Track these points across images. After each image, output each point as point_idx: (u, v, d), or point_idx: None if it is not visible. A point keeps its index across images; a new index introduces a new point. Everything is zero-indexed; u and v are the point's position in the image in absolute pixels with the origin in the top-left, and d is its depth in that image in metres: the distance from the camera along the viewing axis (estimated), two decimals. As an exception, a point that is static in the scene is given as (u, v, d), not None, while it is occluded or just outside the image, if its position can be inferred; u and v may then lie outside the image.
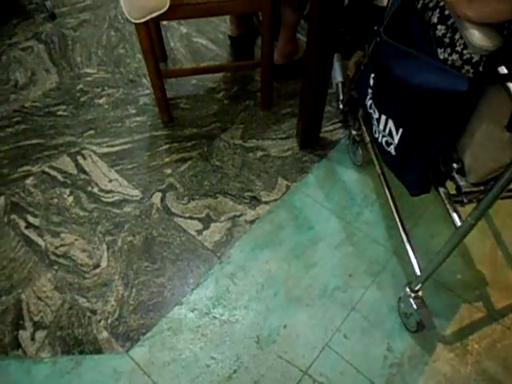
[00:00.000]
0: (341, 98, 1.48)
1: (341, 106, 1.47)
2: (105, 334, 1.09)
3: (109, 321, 1.11)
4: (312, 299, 1.14)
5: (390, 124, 0.91)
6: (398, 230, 1.10)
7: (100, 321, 1.11)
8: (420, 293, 1.02)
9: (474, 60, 0.71)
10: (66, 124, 1.54)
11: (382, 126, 0.94)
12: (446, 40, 0.76)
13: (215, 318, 1.11)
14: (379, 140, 0.98)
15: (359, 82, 1.10)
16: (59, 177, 1.40)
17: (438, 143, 0.81)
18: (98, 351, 1.06)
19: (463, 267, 1.20)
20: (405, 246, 1.07)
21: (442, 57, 0.78)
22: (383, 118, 0.93)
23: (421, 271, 1.01)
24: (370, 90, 0.99)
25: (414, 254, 1.04)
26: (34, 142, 1.49)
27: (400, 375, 1.02)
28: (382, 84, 0.93)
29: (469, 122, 0.77)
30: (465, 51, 0.73)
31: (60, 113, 1.58)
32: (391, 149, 0.94)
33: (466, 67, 0.73)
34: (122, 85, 1.67)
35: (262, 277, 1.18)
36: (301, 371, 1.03)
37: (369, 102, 1.00)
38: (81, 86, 1.67)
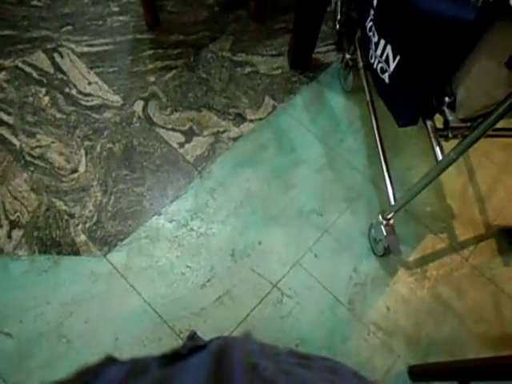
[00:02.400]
0: (338, 17, 1.40)
1: (337, 27, 1.40)
2: (83, 237, 1.10)
3: (87, 225, 1.12)
4: (288, 219, 1.17)
5: (388, 50, 0.87)
6: (379, 159, 1.12)
7: (78, 224, 1.12)
8: (391, 221, 1.07)
9: (486, -13, 0.67)
10: (40, 16, 1.42)
11: (379, 51, 0.90)
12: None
13: (192, 230, 1.14)
14: (374, 66, 0.95)
15: (361, 2, 1.04)
16: (34, 74, 1.32)
17: (434, 74, 0.80)
18: (76, 253, 1.09)
19: (434, 200, 1.25)
20: (383, 175, 1.09)
21: (453, -20, 0.74)
22: (382, 42, 0.89)
23: (395, 201, 1.04)
24: (372, 12, 0.93)
25: (391, 183, 1.07)
26: (5, 33, 1.38)
27: (362, 294, 1.10)
28: (386, 5, 0.88)
29: (468, 55, 0.75)
30: (478, -24, 0.69)
31: (34, 3, 1.44)
32: (385, 76, 0.91)
33: (477, -5, 0.70)
34: (104, -23, 1.52)
35: (241, 194, 1.19)
36: (271, 284, 1.09)
37: (369, 24, 0.95)
38: (57, -27, 1.51)
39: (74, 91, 1.30)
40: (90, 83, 1.32)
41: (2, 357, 0.96)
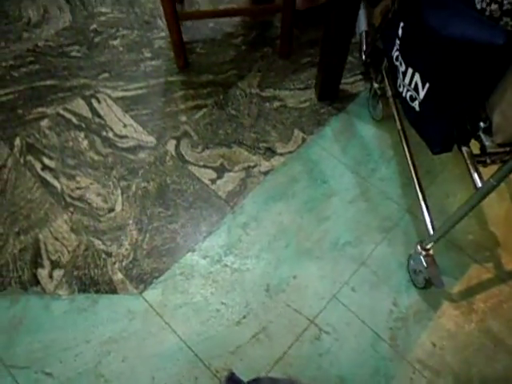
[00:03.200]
0: (364, 48, 1.42)
1: (363, 57, 1.41)
2: (119, 275, 1.12)
3: (123, 263, 1.14)
4: (322, 252, 1.15)
5: (417, 78, 0.87)
6: (414, 187, 1.09)
7: (115, 263, 1.14)
8: (431, 251, 1.03)
9: (515, 10, 0.66)
10: (79, 65, 1.51)
11: (407, 80, 0.90)
12: (487, -13, 0.71)
13: (226, 265, 1.13)
14: (403, 94, 0.94)
15: (386, 32, 1.05)
16: (74, 120, 1.39)
17: (467, 100, 0.78)
18: (113, 291, 1.10)
19: (476, 228, 1.19)
20: (419, 203, 1.06)
21: (479, 6, 0.73)
22: (410, 71, 0.89)
23: (434, 230, 1.01)
24: (397, 41, 0.94)
25: (428, 212, 1.04)
26: (48, 83, 1.47)
27: (404, 329, 1.05)
28: (411, 34, 0.88)
29: (501, 79, 0.73)
30: (505, 1, 0.68)
31: (73, 54, 1.54)
32: (415, 104, 0.90)
33: (505, 19, 0.69)
34: (137, 26, 1.61)
35: (274, 228, 1.19)
36: (308, 320, 1.06)
37: (395, 54, 0.96)
38: (94, 25, 1.61)
39: (110, 134, 1.36)
40: (125, 126, 1.38)
41: (43, 398, 0.97)
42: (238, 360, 1.01)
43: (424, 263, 1.02)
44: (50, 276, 1.13)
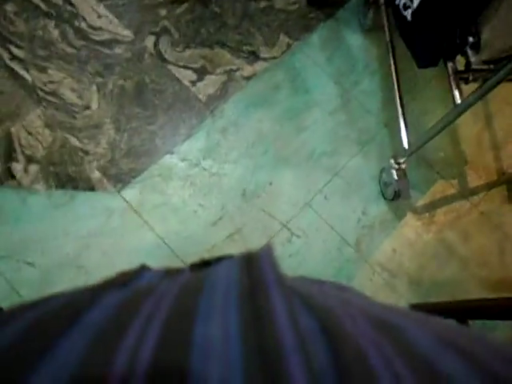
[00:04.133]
0: None
1: (359, -43, 1.31)
2: (97, 173, 1.13)
3: (101, 162, 1.14)
4: (299, 161, 1.18)
5: (413, -17, 0.83)
6: (394, 102, 1.09)
7: (92, 161, 1.14)
8: (403, 165, 1.07)
9: None
10: None
11: (403, -15, 0.86)
12: None
13: (204, 169, 1.15)
14: (396, 2, 0.91)
15: None
16: (42, 5, 1.27)
17: (461, 12, 0.76)
18: (91, 189, 1.11)
19: (448, 145, 1.23)
20: (398, 118, 1.08)
21: None
22: (407, -26, 0.84)
23: (408, 145, 1.04)
24: None
25: (406, 127, 1.06)
26: (10, -41, 1.32)
27: (369, 236, 1.13)
28: None
29: (498, -9, 0.71)
30: None
31: None
32: (408, 13, 0.87)
33: None
34: None
35: (253, 134, 1.19)
36: (281, 224, 1.12)
37: (394, -46, 0.90)
38: None
39: (83, 25, 1.26)
40: (99, 16, 1.28)
41: (26, 284, 1.02)
42: (213, 257, 1.07)
43: (395, 176, 1.06)
44: (26, 171, 1.12)
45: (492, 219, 1.17)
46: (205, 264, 0.31)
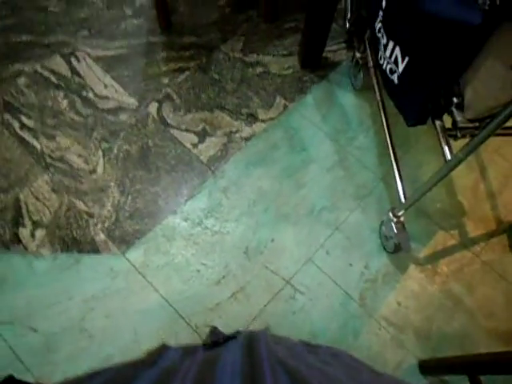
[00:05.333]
0: (348, 16, 1.41)
1: (347, 25, 1.41)
2: (102, 236, 1.15)
3: (105, 224, 1.16)
4: (299, 217, 1.20)
5: (397, 51, 0.89)
6: (389, 157, 1.13)
7: (97, 224, 1.16)
8: (402, 218, 1.09)
9: (492, -9, 0.69)
10: (57, 21, 1.46)
11: (388, 53, 0.92)
12: (468, -35, 0.73)
13: (207, 228, 1.17)
14: (383, 67, 0.97)
15: (371, 2, 1.05)
16: (52, 78, 1.36)
17: (443, 75, 0.81)
18: (96, 251, 1.13)
19: (445, 197, 1.26)
20: (393, 172, 1.11)
21: (460, -17, 0.75)
22: (391, 43, 0.91)
23: (405, 198, 1.06)
24: (381, 13, 0.95)
25: (401, 181, 1.09)
26: (24, 38, 1.42)
27: (373, 289, 1.12)
28: (394, 7, 0.90)
29: (476, 57, 0.76)
30: (485, -20, 0.70)
31: (51, 8, 1.48)
32: (394, 77, 0.93)
33: (483, -2, 0.71)
34: (117, -19, 1.55)
35: (253, 193, 1.22)
36: (284, 280, 1.12)
37: (378, 26, 0.97)
38: (72, -22, 1.55)
39: (90, 94, 1.34)
40: (106, 86, 1.36)
41: (29, 351, 1.01)
42: (217, 317, 1.07)
43: (395, 229, 1.08)
44: (32, 235, 1.14)
45: (495, 268, 1.17)
46: (215, 343, 0.35)
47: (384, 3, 0.93)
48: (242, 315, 1.08)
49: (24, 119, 1.29)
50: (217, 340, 0.36)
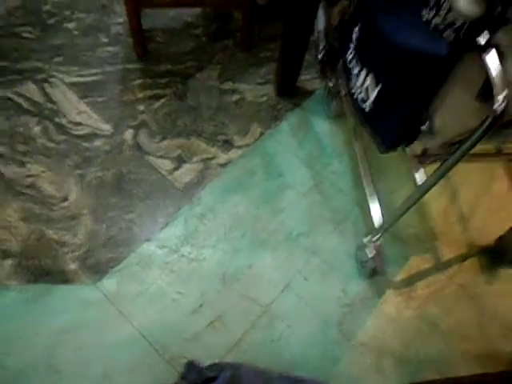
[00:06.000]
0: (321, 47, 1.46)
1: (319, 56, 1.45)
2: (73, 266, 1.11)
3: (77, 253, 1.13)
4: (277, 242, 1.20)
5: (369, 80, 0.92)
6: (363, 182, 1.16)
7: (68, 253, 1.13)
8: (377, 242, 1.10)
9: (456, 25, 0.72)
10: (31, 47, 1.45)
11: (359, 82, 0.95)
12: (432, 1, 0.77)
13: (183, 255, 1.15)
14: (355, 96, 1.00)
15: (343, 33, 1.09)
16: (24, 105, 1.34)
17: (412, 103, 0.84)
18: (67, 282, 1.09)
19: (417, 221, 1.29)
20: (368, 198, 1.13)
21: (425, 18, 0.79)
22: (363, 72, 0.94)
23: (380, 223, 1.08)
24: (351, 45, 0.99)
25: (376, 206, 1.11)
26: (-4, 64, 1.40)
27: (351, 315, 1.12)
28: (366, 37, 0.93)
29: (443, 86, 0.80)
30: (448, 15, 0.74)
31: (25, 35, 1.47)
32: (365, 106, 0.96)
33: (448, 31, 0.75)
34: (94, 10, 1.56)
35: (230, 219, 1.22)
36: (261, 307, 1.10)
37: (349, 57, 1.01)
38: (48, 6, 1.55)
39: (64, 121, 1.32)
40: (80, 113, 1.34)
41: (-8, 389, 0.95)
42: (194, 347, 1.04)
43: (370, 254, 1.09)
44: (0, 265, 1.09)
45: (469, 291, 1.19)
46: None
47: (357, 33, 0.97)
48: (220, 345, 1.05)
49: (-6, 146, 1.26)
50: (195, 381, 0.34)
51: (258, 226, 1.22)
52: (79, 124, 1.32)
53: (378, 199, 1.13)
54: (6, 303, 1.05)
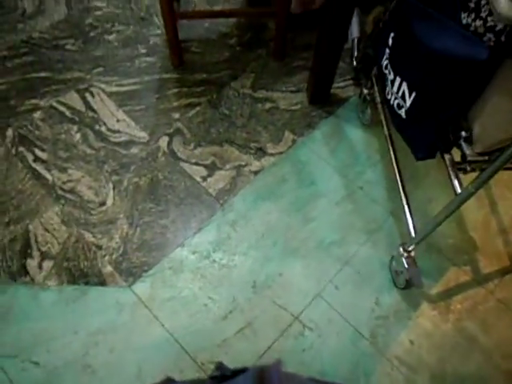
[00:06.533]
0: (355, 54, 1.45)
1: (354, 63, 1.44)
2: (109, 268, 1.14)
3: (113, 256, 1.16)
4: (308, 251, 1.19)
5: (404, 87, 0.91)
6: (398, 191, 1.13)
7: (105, 256, 1.16)
8: (412, 253, 1.07)
9: (497, 28, 0.70)
10: (74, 59, 1.52)
11: (395, 88, 0.94)
12: (472, 4, 0.75)
13: (215, 261, 1.16)
14: (391, 102, 0.98)
15: (377, 40, 1.08)
16: (67, 113, 1.40)
17: (450, 110, 0.82)
18: (102, 284, 1.12)
19: (456, 232, 1.24)
20: (403, 207, 1.10)
21: (465, 22, 0.77)
22: (398, 79, 0.92)
23: (415, 233, 1.05)
24: (387, 50, 0.97)
25: (411, 215, 1.08)
26: (41, 75, 1.48)
27: (384, 327, 1.09)
28: (400, 44, 0.92)
29: (483, 92, 0.78)
30: (489, 18, 0.72)
31: (68, 47, 1.54)
32: (402, 112, 0.94)
33: (488, 35, 0.73)
34: (133, 22, 1.62)
35: (262, 226, 1.22)
36: (292, 316, 1.09)
37: (385, 62, 0.99)
38: (90, 20, 1.62)
39: (103, 128, 1.37)
40: (118, 121, 1.39)
41: (30, 386, 0.99)
42: (224, 353, 1.04)
43: (405, 264, 1.06)
44: (40, 267, 1.14)
45: (510, 307, 1.13)
46: (223, 377, 0.33)
47: (390, 41, 0.96)
48: (249, 352, 1.04)
49: (38, 152, 1.32)
50: (224, 373, 0.34)
51: (289, 234, 1.21)
52: (117, 131, 1.37)
53: (414, 208, 1.10)
54: (47, 303, 1.09)
